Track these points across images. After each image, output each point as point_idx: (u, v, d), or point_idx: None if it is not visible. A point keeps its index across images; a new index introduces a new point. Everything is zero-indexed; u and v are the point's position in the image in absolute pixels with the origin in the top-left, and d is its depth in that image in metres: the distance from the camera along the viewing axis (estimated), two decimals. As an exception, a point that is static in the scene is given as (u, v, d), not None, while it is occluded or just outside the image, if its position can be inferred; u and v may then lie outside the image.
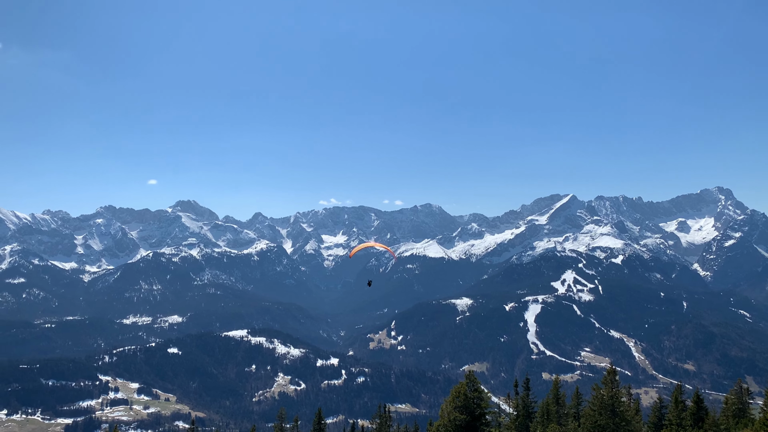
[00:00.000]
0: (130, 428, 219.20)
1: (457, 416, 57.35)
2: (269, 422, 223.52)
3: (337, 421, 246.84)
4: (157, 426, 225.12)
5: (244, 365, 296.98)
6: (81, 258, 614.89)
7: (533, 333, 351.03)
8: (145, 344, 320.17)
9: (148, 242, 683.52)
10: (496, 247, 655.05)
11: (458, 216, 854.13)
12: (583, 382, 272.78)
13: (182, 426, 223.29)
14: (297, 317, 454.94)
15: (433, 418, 62.89)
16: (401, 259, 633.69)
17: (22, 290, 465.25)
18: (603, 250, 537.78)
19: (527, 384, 72.99)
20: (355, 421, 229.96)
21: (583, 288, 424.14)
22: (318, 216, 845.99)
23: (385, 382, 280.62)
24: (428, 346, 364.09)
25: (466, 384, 59.56)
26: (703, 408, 66.07)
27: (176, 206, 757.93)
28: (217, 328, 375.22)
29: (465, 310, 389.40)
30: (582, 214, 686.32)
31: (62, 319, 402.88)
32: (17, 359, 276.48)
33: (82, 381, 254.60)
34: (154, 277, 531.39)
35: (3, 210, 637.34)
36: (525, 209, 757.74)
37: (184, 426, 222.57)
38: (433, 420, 64.96)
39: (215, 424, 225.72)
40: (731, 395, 72.08)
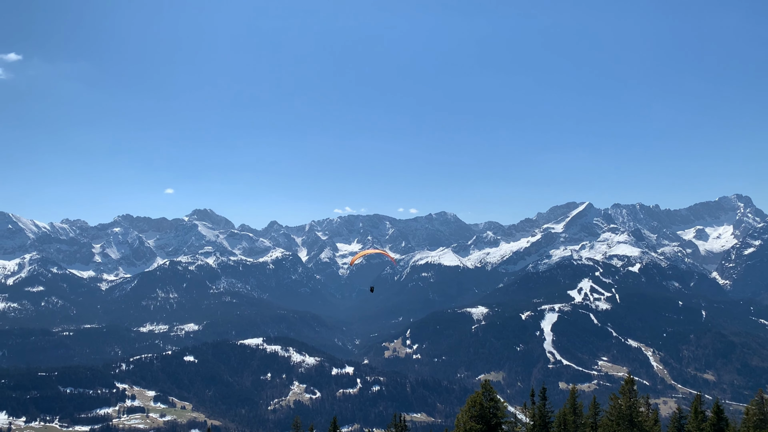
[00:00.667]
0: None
1: (473, 426, 57.06)
2: (285, 431, 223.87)
3: (353, 430, 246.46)
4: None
5: (260, 373, 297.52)
6: (99, 266, 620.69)
7: (550, 342, 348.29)
8: (162, 352, 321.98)
9: (164, 251, 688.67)
10: (512, 256, 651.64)
11: (473, 224, 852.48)
12: (601, 391, 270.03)
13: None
14: (312, 325, 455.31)
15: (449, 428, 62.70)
16: (416, 267, 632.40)
17: (41, 298, 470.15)
18: (620, 259, 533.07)
19: (544, 393, 72.40)
20: (370, 430, 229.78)
21: (600, 296, 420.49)
22: (333, 224, 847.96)
23: (400, 391, 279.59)
24: (444, 355, 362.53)
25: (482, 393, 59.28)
26: (724, 419, 65.17)
27: (193, 215, 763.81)
28: (232, 336, 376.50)
29: (481, 319, 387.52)
30: (598, 222, 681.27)
31: (80, 327, 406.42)
32: (36, 367, 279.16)
33: (100, 389, 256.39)
34: (170, 285, 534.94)
35: (23, 219, 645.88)
36: (541, 217, 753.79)
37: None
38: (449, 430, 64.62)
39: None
40: (752, 405, 71.06)
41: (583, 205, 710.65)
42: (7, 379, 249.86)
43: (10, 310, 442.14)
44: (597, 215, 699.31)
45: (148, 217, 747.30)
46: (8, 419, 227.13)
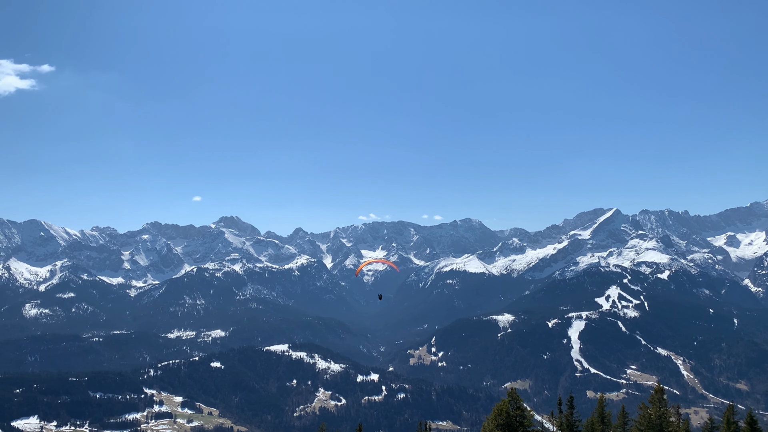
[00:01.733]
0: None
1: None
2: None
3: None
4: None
5: (285, 380, 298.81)
6: (128, 273, 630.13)
7: (577, 350, 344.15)
8: (189, 358, 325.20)
9: (192, 257, 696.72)
10: (538, 263, 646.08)
11: (499, 231, 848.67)
12: (629, 400, 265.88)
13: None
14: (337, 332, 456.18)
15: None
16: (441, 274, 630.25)
17: (71, 305, 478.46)
18: (648, 266, 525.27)
19: (571, 402, 71.58)
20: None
21: (628, 304, 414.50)
22: (357, 231, 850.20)
23: (425, 399, 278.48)
24: (469, 363, 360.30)
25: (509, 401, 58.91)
26: (757, 429, 63.75)
27: (219, 222, 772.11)
28: (258, 343, 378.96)
29: (507, 327, 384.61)
30: (626, 229, 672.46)
31: (109, 332, 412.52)
32: (67, 372, 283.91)
33: (129, 394, 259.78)
34: (197, 291, 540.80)
35: (54, 227, 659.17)
36: (567, 224, 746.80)
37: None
38: (474, 438, 64.31)
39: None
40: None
41: (611, 212, 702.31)
42: (39, 383, 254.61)
43: (42, 316, 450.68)
44: (625, 221, 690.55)
45: (176, 224, 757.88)
46: (40, 423, 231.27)
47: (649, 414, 59.48)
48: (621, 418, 71.38)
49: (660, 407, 59.16)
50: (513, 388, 62.05)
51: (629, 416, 71.64)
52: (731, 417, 64.14)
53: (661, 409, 58.95)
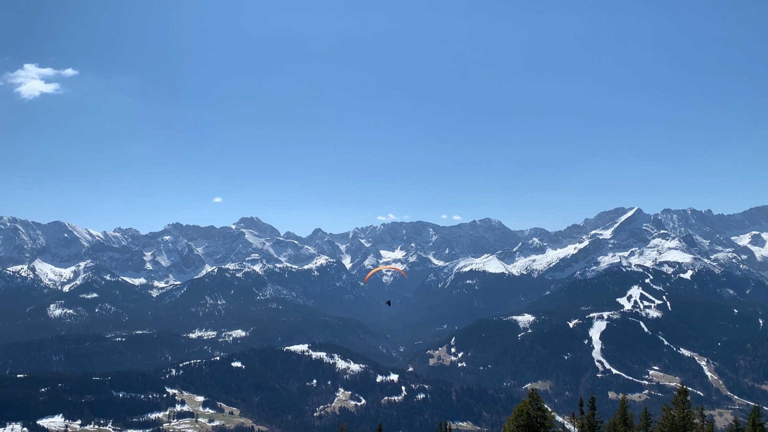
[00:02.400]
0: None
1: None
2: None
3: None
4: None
5: (305, 380, 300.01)
6: (150, 274, 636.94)
7: (598, 351, 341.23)
8: (210, 358, 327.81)
9: (213, 258, 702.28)
10: (559, 263, 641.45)
11: (518, 230, 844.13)
12: (652, 402, 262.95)
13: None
14: (356, 332, 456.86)
15: (496, 437, 62.06)
16: (460, 274, 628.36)
17: (94, 305, 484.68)
18: (671, 265, 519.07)
19: (593, 403, 70.99)
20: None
21: (650, 304, 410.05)
22: (376, 231, 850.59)
23: (445, 399, 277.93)
24: (489, 364, 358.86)
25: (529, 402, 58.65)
26: (783, 432, 62.74)
27: (240, 223, 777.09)
28: (278, 343, 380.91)
29: (527, 327, 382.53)
30: (648, 228, 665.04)
31: (132, 333, 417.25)
32: (90, 371, 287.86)
33: (151, 393, 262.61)
34: (218, 292, 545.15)
35: (78, 228, 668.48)
36: (588, 223, 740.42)
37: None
38: (495, 438, 64.06)
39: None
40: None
41: (632, 211, 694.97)
42: (63, 383, 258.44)
43: (66, 316, 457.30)
44: (646, 221, 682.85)
45: (197, 225, 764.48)
46: (65, 422, 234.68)
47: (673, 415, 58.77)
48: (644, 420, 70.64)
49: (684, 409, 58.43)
50: (534, 389, 61.74)
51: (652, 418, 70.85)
52: (757, 419, 63.15)
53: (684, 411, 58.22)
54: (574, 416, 73.12)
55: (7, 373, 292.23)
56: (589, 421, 69.93)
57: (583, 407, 71.78)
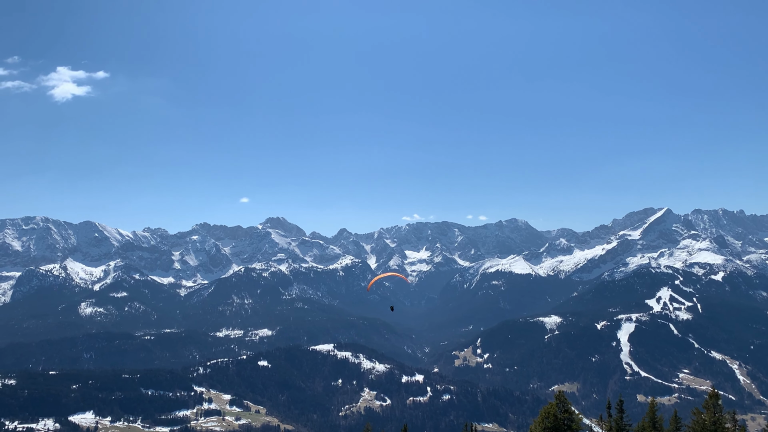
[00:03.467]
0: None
1: (546, 437, 55.92)
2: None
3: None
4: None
5: (331, 379, 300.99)
6: (178, 273, 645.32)
7: (626, 353, 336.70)
8: (237, 357, 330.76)
9: (240, 258, 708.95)
10: (586, 264, 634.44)
11: (545, 231, 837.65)
12: (682, 405, 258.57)
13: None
14: (382, 332, 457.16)
15: (522, 439, 61.59)
16: (486, 275, 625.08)
17: (124, 304, 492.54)
18: (701, 267, 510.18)
19: (621, 406, 69.97)
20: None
21: (680, 306, 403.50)
22: (401, 232, 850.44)
23: (471, 401, 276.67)
24: (515, 365, 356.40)
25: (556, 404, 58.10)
26: (819, 438, 61.17)
27: (266, 223, 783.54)
28: (304, 342, 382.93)
29: (554, 329, 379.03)
30: (678, 229, 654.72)
31: (160, 331, 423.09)
32: (120, 369, 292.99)
33: (179, 391, 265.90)
34: (245, 291, 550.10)
35: (108, 228, 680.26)
36: (616, 224, 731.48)
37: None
38: (521, 440, 63.61)
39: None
40: None
41: (662, 211, 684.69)
42: (94, 380, 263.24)
43: (97, 314, 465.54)
44: (676, 221, 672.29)
45: (224, 225, 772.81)
46: (95, 418, 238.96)
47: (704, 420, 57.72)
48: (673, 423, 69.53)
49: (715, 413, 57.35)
50: (561, 391, 61.14)
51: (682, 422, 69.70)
52: (791, 424, 61.70)
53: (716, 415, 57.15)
54: (601, 419, 72.21)
55: (40, 370, 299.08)
56: (618, 424, 68.94)
57: (611, 410, 70.84)
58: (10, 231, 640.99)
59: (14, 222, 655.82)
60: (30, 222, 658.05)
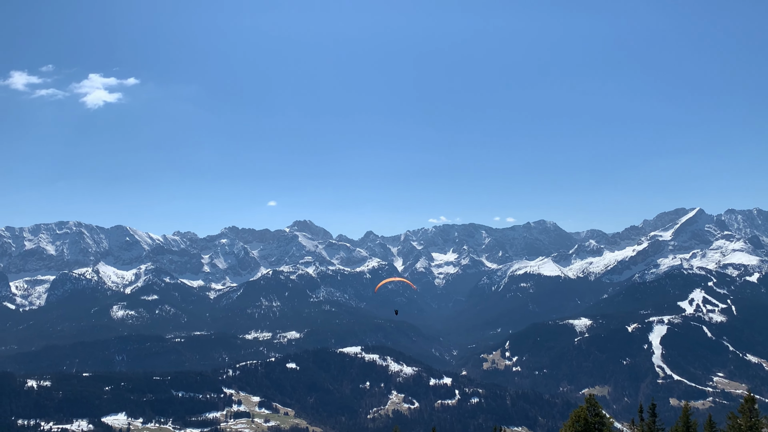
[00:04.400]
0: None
1: (577, 441, 55.13)
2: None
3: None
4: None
5: (359, 382, 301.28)
6: (207, 276, 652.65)
7: (659, 356, 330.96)
8: (266, 359, 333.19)
9: (267, 261, 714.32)
10: (617, 265, 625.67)
11: (574, 232, 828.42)
12: (716, 409, 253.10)
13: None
14: (409, 335, 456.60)
15: (552, 443, 60.94)
16: (514, 277, 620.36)
17: (155, 306, 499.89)
18: (735, 268, 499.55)
19: (653, 410, 68.63)
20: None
21: (713, 308, 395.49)
22: (428, 234, 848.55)
23: (500, 404, 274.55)
24: (545, 368, 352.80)
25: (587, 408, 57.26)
26: None
27: (293, 226, 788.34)
28: (332, 345, 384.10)
29: (584, 331, 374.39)
30: (711, 229, 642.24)
31: (190, 333, 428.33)
32: (151, 371, 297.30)
33: (209, 393, 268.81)
34: (273, 294, 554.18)
35: (139, 232, 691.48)
36: (647, 224, 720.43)
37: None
38: (551, 444, 62.93)
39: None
40: None
41: (694, 211, 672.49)
42: (126, 382, 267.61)
43: (128, 317, 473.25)
44: (709, 221, 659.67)
45: (252, 228, 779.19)
46: (127, 420, 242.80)
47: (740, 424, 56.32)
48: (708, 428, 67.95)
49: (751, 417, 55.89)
50: (591, 394, 60.23)
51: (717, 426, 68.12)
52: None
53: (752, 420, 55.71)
54: (633, 423, 70.93)
55: (74, 372, 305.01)
56: (650, 428, 67.64)
57: (643, 413, 69.54)
58: (44, 235, 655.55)
59: (48, 227, 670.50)
60: (63, 227, 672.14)
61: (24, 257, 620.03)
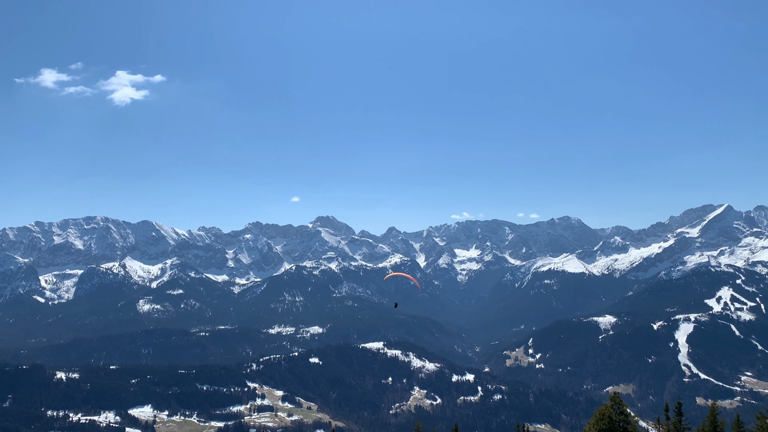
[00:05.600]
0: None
1: (601, 439, 54.71)
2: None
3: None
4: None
5: (381, 377, 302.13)
6: (231, 271, 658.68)
7: (685, 354, 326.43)
8: (289, 353, 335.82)
9: (291, 256, 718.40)
10: (642, 262, 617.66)
11: (599, 229, 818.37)
12: (744, 409, 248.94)
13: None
14: (431, 331, 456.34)
15: (575, 440, 60.46)
16: (538, 274, 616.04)
17: (180, 301, 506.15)
18: (765, 265, 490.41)
19: (679, 408, 67.77)
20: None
21: (742, 306, 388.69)
22: (450, 230, 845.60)
23: (522, 401, 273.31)
24: (568, 365, 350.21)
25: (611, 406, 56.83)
26: None
27: (316, 222, 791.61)
28: (354, 340, 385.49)
29: (608, 329, 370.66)
30: (739, 226, 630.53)
31: (215, 328, 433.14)
32: (176, 364, 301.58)
33: (233, 387, 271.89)
34: (296, 289, 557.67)
35: (164, 227, 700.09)
36: (674, 221, 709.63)
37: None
38: (575, 442, 62.51)
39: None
40: None
41: (722, 208, 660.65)
42: (152, 375, 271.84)
43: (154, 311, 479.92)
44: (737, 218, 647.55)
45: (275, 224, 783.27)
46: (153, 412, 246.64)
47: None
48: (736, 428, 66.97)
49: (780, 417, 54.91)
50: (616, 392, 59.73)
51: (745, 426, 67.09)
52: None
53: (781, 420, 54.70)
54: (659, 422, 70.15)
55: (101, 364, 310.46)
56: (676, 428, 66.79)
57: (668, 412, 68.74)
58: (72, 230, 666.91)
59: (76, 222, 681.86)
60: (91, 222, 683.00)
61: (53, 252, 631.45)
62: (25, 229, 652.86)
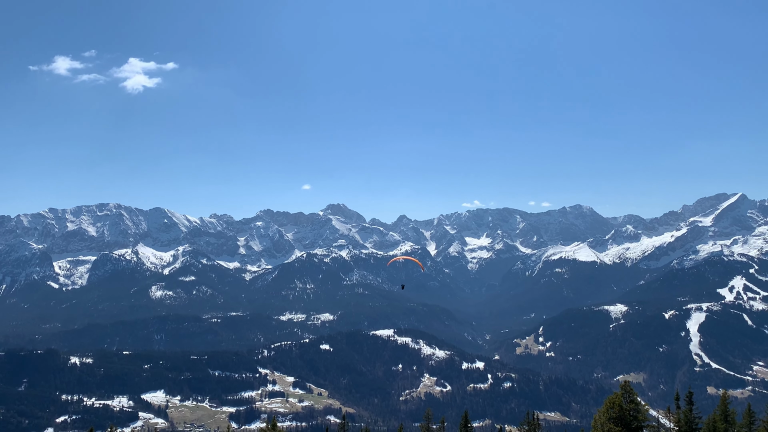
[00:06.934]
0: (286, 420, 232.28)
1: (611, 428, 54.89)
2: (416, 422, 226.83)
3: (484, 425, 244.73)
4: (311, 419, 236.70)
5: (391, 364, 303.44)
6: (243, 258, 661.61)
7: (696, 343, 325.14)
8: (300, 340, 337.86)
9: (302, 243, 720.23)
10: (654, 251, 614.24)
11: (611, 217, 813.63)
12: (756, 399, 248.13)
13: (333, 420, 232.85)
14: (441, 319, 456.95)
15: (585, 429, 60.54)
16: (549, 262, 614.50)
17: (192, 287, 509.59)
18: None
19: (690, 398, 67.61)
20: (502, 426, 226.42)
21: (755, 296, 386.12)
22: (461, 218, 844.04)
23: (532, 389, 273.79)
24: (579, 354, 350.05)
25: (622, 394, 56.87)
26: None
27: (327, 210, 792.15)
28: (365, 327, 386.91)
29: (619, 318, 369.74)
30: (753, 215, 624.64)
31: (227, 314, 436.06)
32: (189, 350, 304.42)
33: (244, 373, 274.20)
34: (307, 276, 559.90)
35: (176, 214, 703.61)
36: (686, 210, 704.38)
37: (336, 420, 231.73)
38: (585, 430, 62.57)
39: (364, 420, 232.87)
40: None
41: (735, 197, 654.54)
42: (164, 360, 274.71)
43: (166, 297, 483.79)
44: (751, 207, 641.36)
45: (286, 211, 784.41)
46: (166, 397, 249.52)
47: (780, 414, 55.16)
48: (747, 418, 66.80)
49: (792, 407, 54.68)
50: (626, 381, 59.74)
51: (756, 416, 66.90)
52: None
53: (793, 410, 54.48)
54: (669, 411, 70.10)
55: (115, 350, 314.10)
56: (686, 417, 66.69)
57: (679, 401, 68.64)
58: (85, 217, 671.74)
59: (89, 209, 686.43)
60: (104, 208, 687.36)
61: (66, 238, 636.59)
62: (39, 216, 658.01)
